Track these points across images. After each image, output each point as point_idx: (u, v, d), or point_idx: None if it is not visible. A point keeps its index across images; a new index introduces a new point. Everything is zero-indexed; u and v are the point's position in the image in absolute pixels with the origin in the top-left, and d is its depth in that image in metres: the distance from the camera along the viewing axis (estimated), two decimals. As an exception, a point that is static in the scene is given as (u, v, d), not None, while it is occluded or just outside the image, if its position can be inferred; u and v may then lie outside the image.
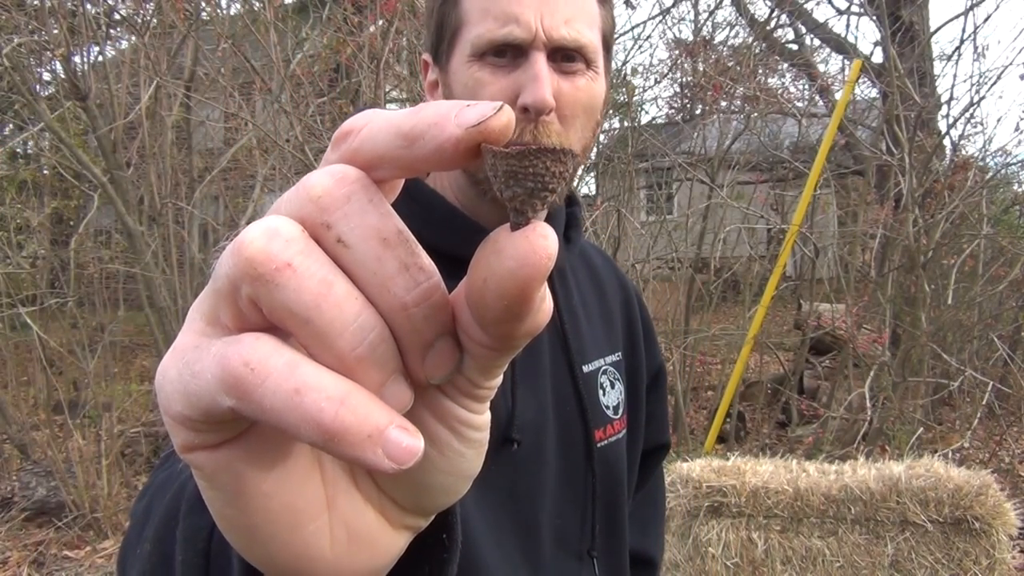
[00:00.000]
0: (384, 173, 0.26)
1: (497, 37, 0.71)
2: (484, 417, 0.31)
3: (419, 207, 0.76)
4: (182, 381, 0.25)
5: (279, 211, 0.26)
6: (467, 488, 0.33)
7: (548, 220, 0.85)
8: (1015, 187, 6.65)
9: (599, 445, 0.85)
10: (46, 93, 5.34)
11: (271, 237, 0.24)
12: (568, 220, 0.90)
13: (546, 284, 0.26)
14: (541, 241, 0.24)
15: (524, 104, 0.71)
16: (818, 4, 18.99)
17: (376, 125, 0.26)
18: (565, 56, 0.73)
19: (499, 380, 0.30)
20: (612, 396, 0.89)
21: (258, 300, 0.24)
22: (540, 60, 0.71)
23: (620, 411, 0.90)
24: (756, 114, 5.82)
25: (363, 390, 0.25)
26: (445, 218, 0.76)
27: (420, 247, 0.27)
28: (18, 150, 6.64)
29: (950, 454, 3.43)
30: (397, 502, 0.32)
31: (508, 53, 0.72)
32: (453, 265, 0.67)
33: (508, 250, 0.25)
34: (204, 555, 0.39)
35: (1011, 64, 7.52)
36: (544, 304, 0.26)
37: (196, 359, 0.25)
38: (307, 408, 0.23)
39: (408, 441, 0.24)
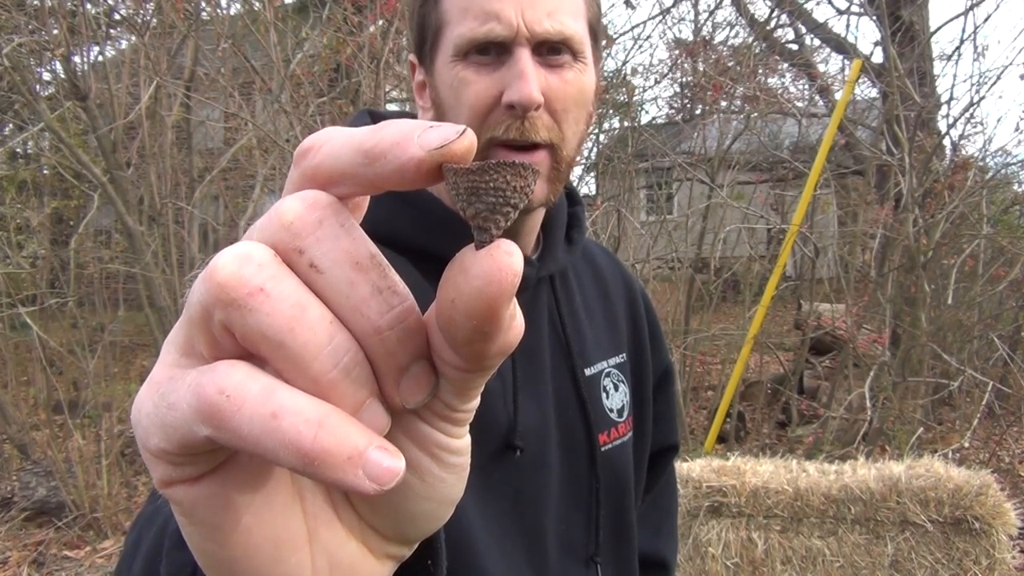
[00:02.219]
0: (344, 190, 0.26)
1: (478, 35, 0.70)
2: (463, 441, 0.30)
3: (416, 211, 0.75)
4: (158, 414, 0.25)
5: (252, 237, 0.26)
6: (449, 514, 0.32)
7: (547, 220, 0.85)
8: (1015, 187, 6.64)
9: (603, 449, 0.84)
10: (46, 93, 5.34)
11: (243, 262, 0.24)
12: (570, 220, 0.89)
13: (516, 302, 0.26)
14: (506, 259, 0.24)
15: (510, 102, 0.69)
16: (818, 4, 19.00)
17: (337, 142, 0.26)
18: (551, 49, 0.72)
19: (476, 403, 0.29)
20: (616, 399, 0.88)
21: (231, 325, 0.24)
22: (524, 56, 0.70)
23: (625, 414, 0.89)
24: (756, 114, 5.82)
25: (341, 412, 0.24)
26: (442, 221, 0.75)
27: (393, 271, 0.26)
28: (18, 150, 6.63)
29: (950, 454, 3.43)
30: (379, 532, 0.31)
31: (491, 51, 0.71)
32: None
33: (474, 269, 0.24)
34: None
35: (1011, 64, 7.53)
36: (514, 323, 0.26)
37: (171, 390, 0.25)
38: (285, 432, 0.23)
39: (389, 462, 0.24)
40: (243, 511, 0.27)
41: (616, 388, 0.89)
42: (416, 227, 0.73)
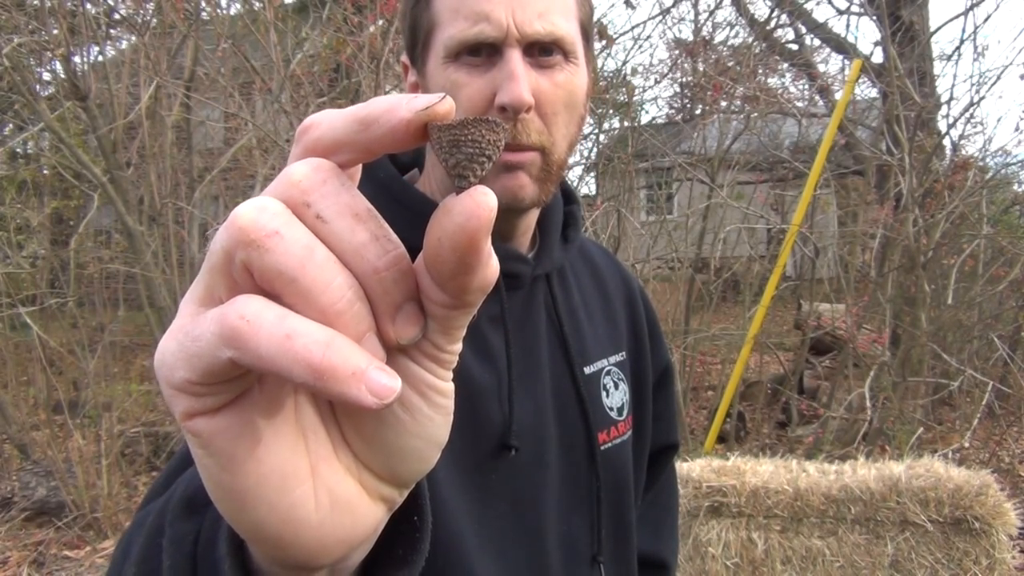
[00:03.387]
0: (344, 157, 0.30)
1: (469, 37, 0.70)
2: (449, 385, 0.34)
3: (410, 213, 0.74)
4: (183, 348, 0.28)
5: (265, 195, 0.29)
6: (436, 457, 0.35)
7: (542, 219, 0.85)
8: (1015, 187, 6.65)
9: (603, 448, 0.83)
10: (46, 93, 5.34)
11: (260, 211, 0.28)
12: (566, 219, 0.88)
13: (491, 246, 0.29)
14: (482, 198, 0.28)
15: (501, 104, 0.69)
16: (818, 4, 19.01)
17: (335, 116, 0.30)
18: (542, 50, 0.71)
19: (459, 346, 0.33)
20: (616, 397, 0.88)
21: (250, 264, 0.28)
22: (515, 57, 0.69)
23: (625, 412, 0.89)
24: (756, 114, 5.82)
25: (345, 337, 0.28)
26: None
27: (386, 223, 0.30)
28: (18, 150, 6.63)
29: (950, 454, 3.43)
30: (374, 471, 0.34)
31: (483, 52, 0.70)
32: None
33: (456, 208, 0.28)
34: (191, 558, 0.41)
35: (1011, 64, 7.52)
36: (491, 260, 0.29)
37: (195, 326, 0.28)
38: (298, 351, 0.26)
39: (387, 380, 0.27)
40: (256, 441, 0.30)
41: (616, 386, 0.88)
42: (411, 228, 0.73)
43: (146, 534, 0.46)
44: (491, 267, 0.30)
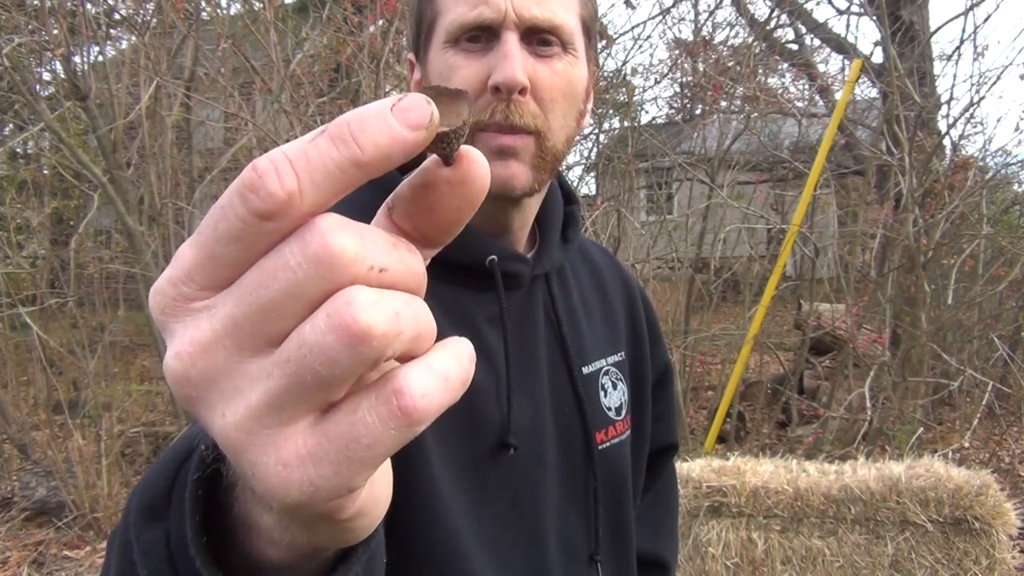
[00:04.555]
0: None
1: (468, 20, 0.71)
2: None
3: None
4: (343, 456, 0.27)
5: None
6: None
7: (542, 218, 0.85)
8: (1015, 187, 6.65)
9: (601, 447, 0.83)
10: (46, 93, 5.34)
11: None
12: (566, 219, 0.88)
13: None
14: (479, 156, 0.28)
15: (495, 83, 0.70)
16: (818, 4, 19.00)
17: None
18: (541, 40, 0.72)
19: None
20: (614, 397, 0.88)
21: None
22: (511, 39, 0.71)
23: (623, 412, 0.88)
24: (756, 114, 5.82)
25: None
26: None
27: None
28: (18, 150, 6.63)
29: (950, 454, 3.43)
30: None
31: (482, 37, 0.72)
32: (445, 268, 0.66)
33: (472, 173, 0.28)
34: (168, 560, 0.39)
35: (1011, 64, 7.49)
36: None
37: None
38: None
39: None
40: None
41: (615, 386, 0.88)
42: None
43: (117, 552, 0.44)
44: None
